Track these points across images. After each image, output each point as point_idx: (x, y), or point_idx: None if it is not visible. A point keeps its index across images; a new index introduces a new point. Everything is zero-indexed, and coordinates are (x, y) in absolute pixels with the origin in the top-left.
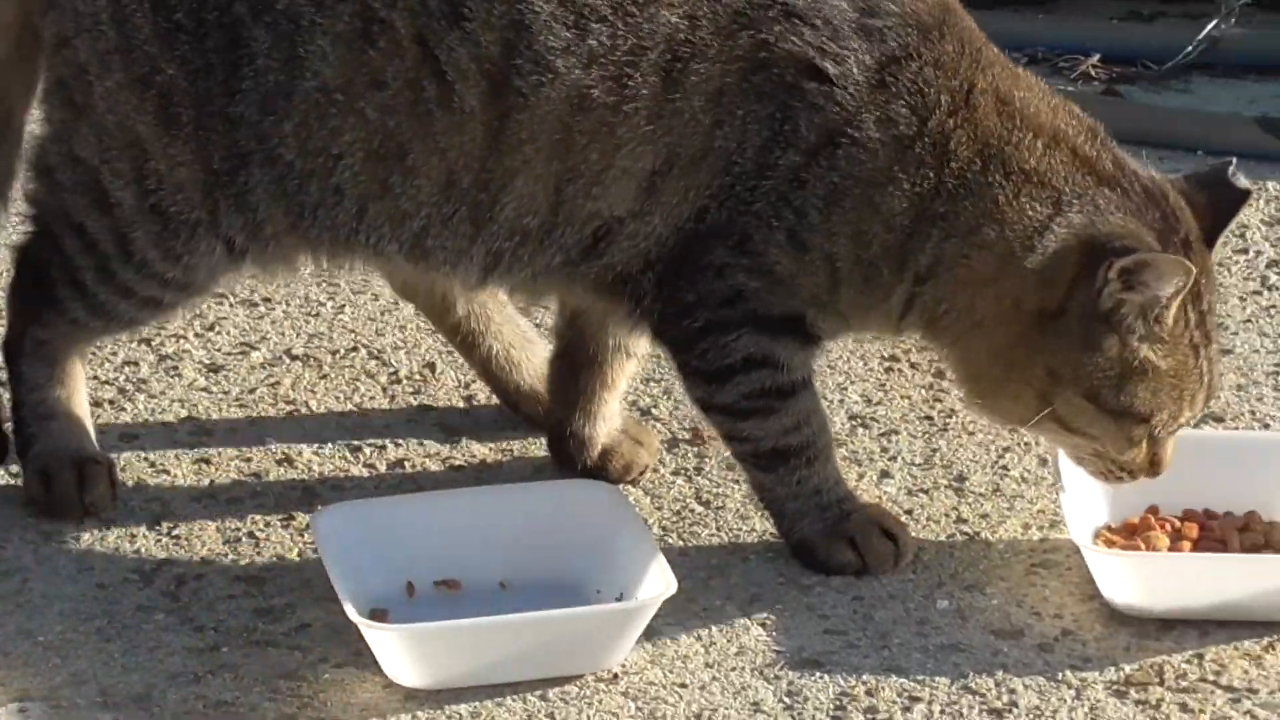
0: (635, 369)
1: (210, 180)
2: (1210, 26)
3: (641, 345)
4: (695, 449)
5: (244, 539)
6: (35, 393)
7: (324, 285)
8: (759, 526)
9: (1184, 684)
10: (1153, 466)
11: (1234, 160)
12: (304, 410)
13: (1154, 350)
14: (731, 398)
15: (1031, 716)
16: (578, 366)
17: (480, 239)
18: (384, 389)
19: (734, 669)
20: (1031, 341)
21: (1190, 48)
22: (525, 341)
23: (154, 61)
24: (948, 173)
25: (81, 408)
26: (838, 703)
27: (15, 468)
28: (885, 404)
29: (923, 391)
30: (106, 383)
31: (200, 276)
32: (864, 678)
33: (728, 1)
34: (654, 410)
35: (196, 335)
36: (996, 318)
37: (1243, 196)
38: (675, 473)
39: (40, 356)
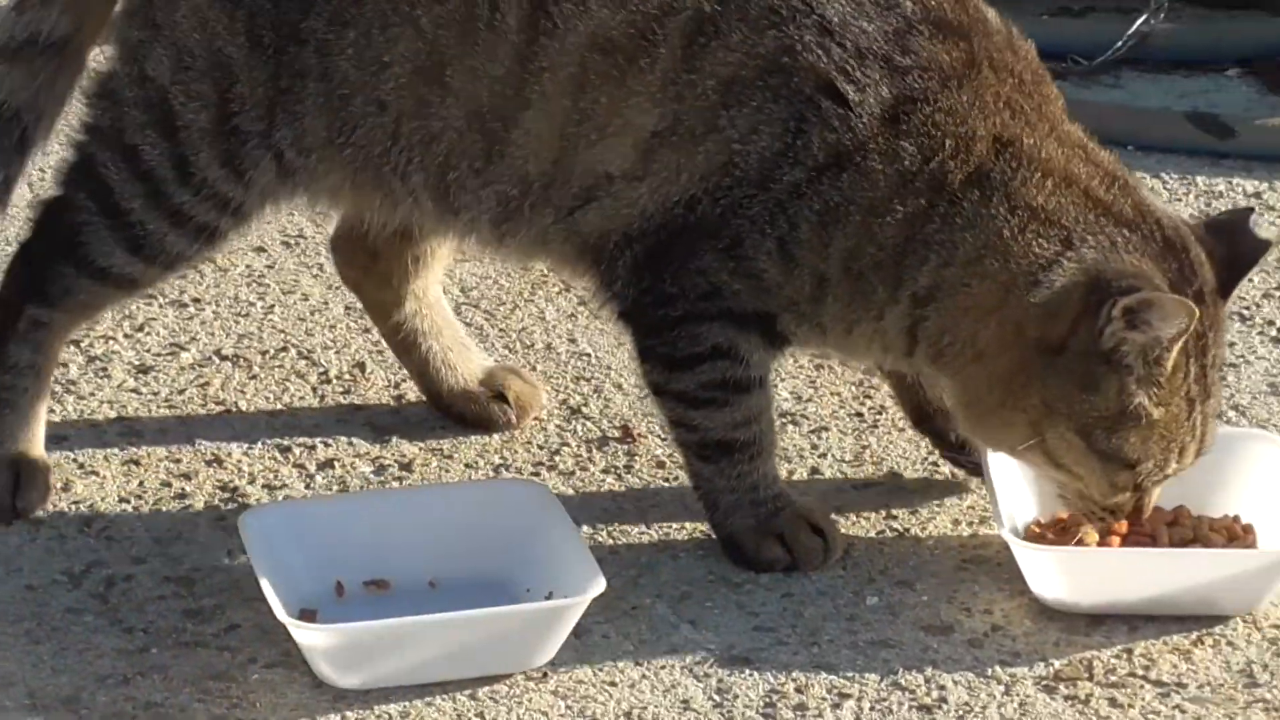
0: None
1: (274, 97)
2: (1140, 22)
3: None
4: (625, 447)
5: (173, 540)
6: (6, 375)
7: (253, 286)
8: (689, 524)
9: (1113, 679)
10: (1136, 512)
11: (1256, 209)
12: (233, 411)
13: (1150, 395)
14: (689, 385)
15: (961, 712)
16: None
17: (489, 179)
18: (314, 389)
19: (664, 667)
20: (1031, 372)
21: (1120, 43)
22: (462, 346)
23: None
24: (943, 202)
25: (42, 405)
26: (767, 700)
27: None
28: (815, 401)
29: (853, 388)
30: None
31: (253, 198)
32: (794, 675)
33: None
34: (584, 409)
35: (126, 336)
36: (999, 346)
37: (1263, 247)
38: (605, 471)
39: (30, 340)
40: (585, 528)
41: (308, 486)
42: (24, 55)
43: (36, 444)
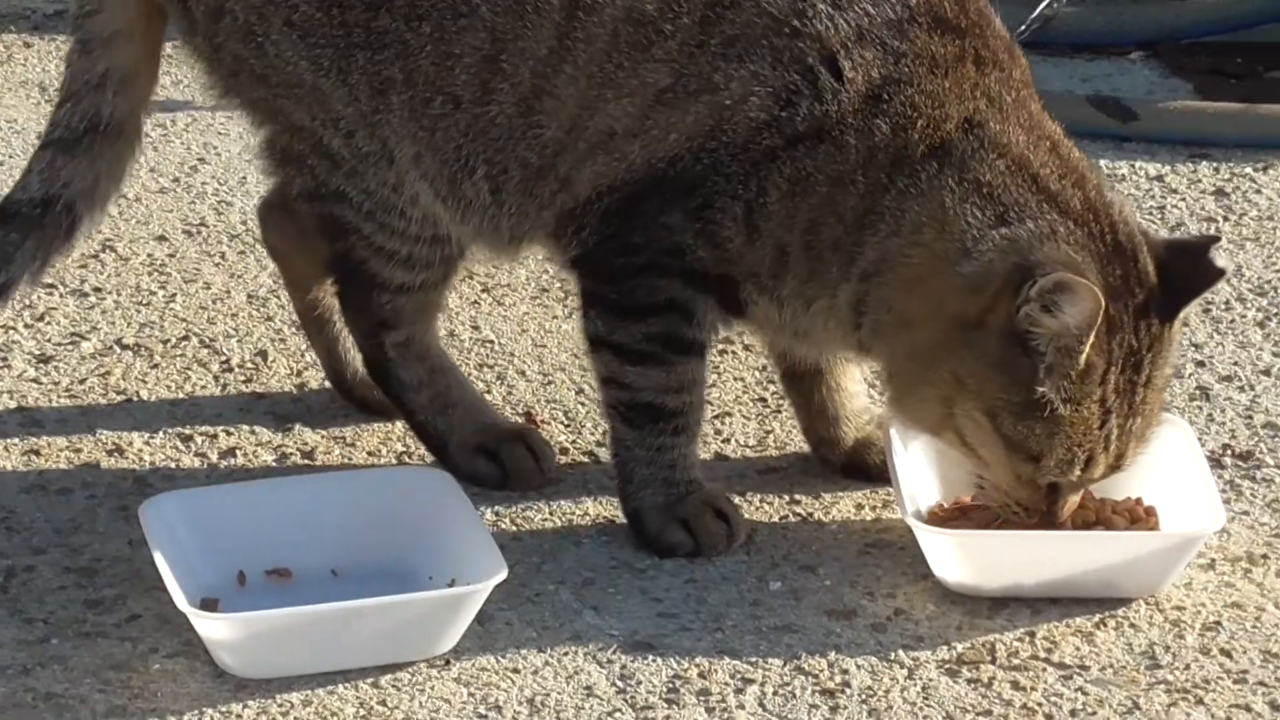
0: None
1: (369, 112)
2: (1043, 6)
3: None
4: None
5: (74, 530)
6: (424, 392)
7: (155, 275)
8: (592, 510)
9: (1015, 662)
10: (1049, 515)
11: (1221, 237)
12: (135, 400)
13: (1057, 388)
14: (632, 336)
15: (864, 696)
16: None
17: (521, 153)
18: (216, 378)
19: (566, 653)
20: (949, 345)
21: (1023, 27)
22: None
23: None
24: (901, 175)
25: (473, 391)
26: (670, 686)
27: None
28: (719, 386)
29: (756, 374)
30: None
31: (430, 210)
32: (697, 660)
33: None
34: (487, 396)
35: (26, 326)
36: (924, 316)
37: (1216, 276)
38: None
39: (407, 358)
40: (488, 514)
41: (209, 476)
42: (85, 144)
43: (495, 415)
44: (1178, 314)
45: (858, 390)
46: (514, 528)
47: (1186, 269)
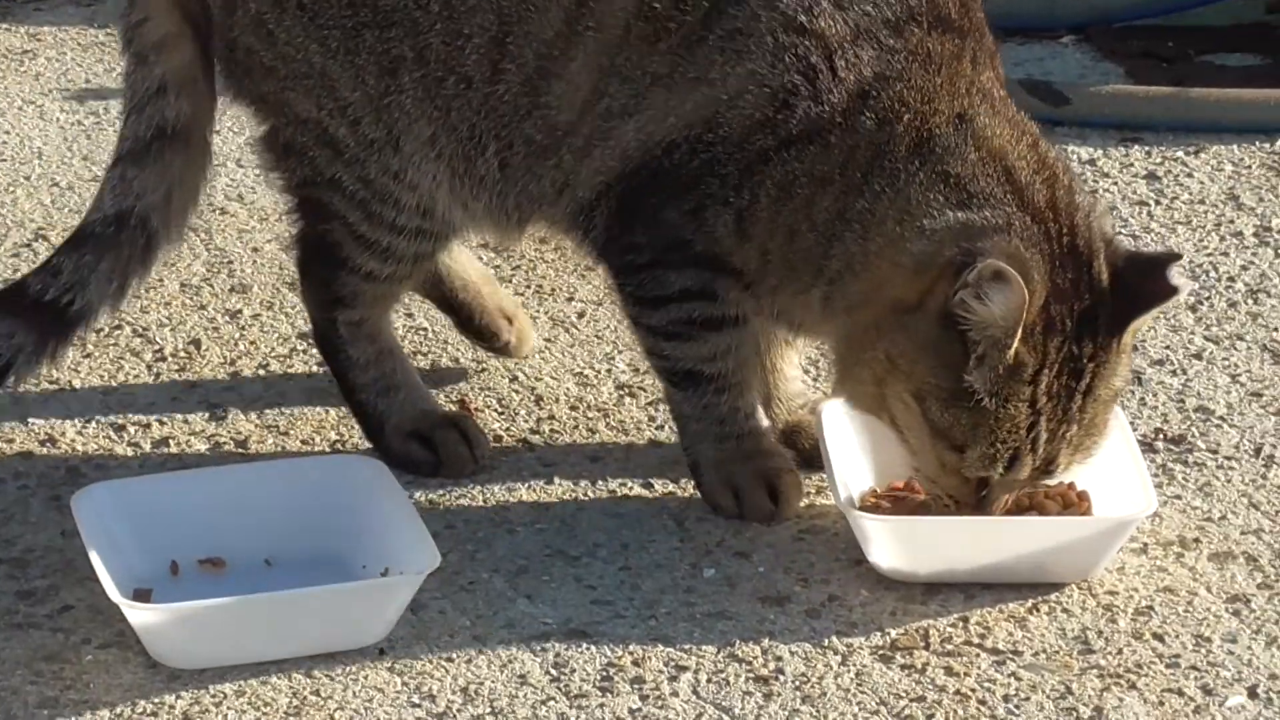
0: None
1: (376, 95)
2: None
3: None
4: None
5: (6, 521)
6: (371, 370)
7: None
8: (526, 497)
9: (949, 647)
10: (980, 505)
11: (1181, 256)
12: (67, 389)
13: (984, 380)
14: (661, 321)
15: (798, 683)
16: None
17: (526, 135)
18: (149, 366)
19: (501, 642)
20: (885, 326)
21: None
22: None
23: None
24: (878, 175)
25: (413, 374)
26: (604, 673)
27: None
28: (652, 374)
29: None
30: None
31: (428, 198)
32: (631, 647)
33: None
34: None
35: None
36: (868, 298)
37: (1169, 293)
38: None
39: (359, 337)
40: (421, 503)
41: (142, 465)
42: (153, 151)
43: (434, 402)
44: (1126, 326)
45: (795, 375)
46: (448, 516)
47: (1142, 283)
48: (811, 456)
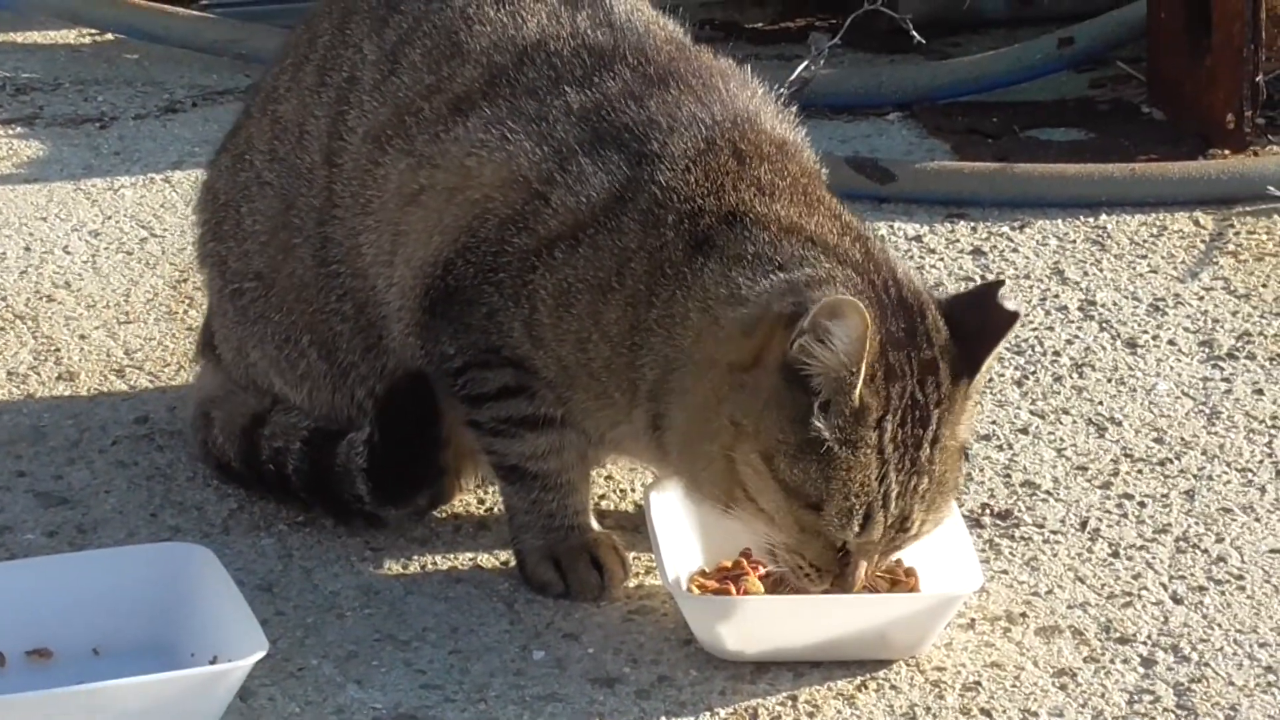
0: None
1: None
2: (801, 68)
3: None
4: (291, 510)
5: None
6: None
7: None
8: (354, 582)
9: None
10: (841, 578)
11: (1006, 281)
12: None
13: (833, 428)
14: (484, 418)
15: None
16: None
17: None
18: None
19: None
20: (722, 393)
21: (783, 89)
22: None
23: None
24: (661, 283)
25: None
26: None
27: None
28: None
29: None
30: None
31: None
32: None
33: (584, 39)
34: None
35: None
36: (699, 380)
37: (1010, 319)
38: (269, 533)
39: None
40: (250, 589)
41: None
42: None
43: None
44: (980, 366)
45: None
46: (276, 602)
47: (979, 320)
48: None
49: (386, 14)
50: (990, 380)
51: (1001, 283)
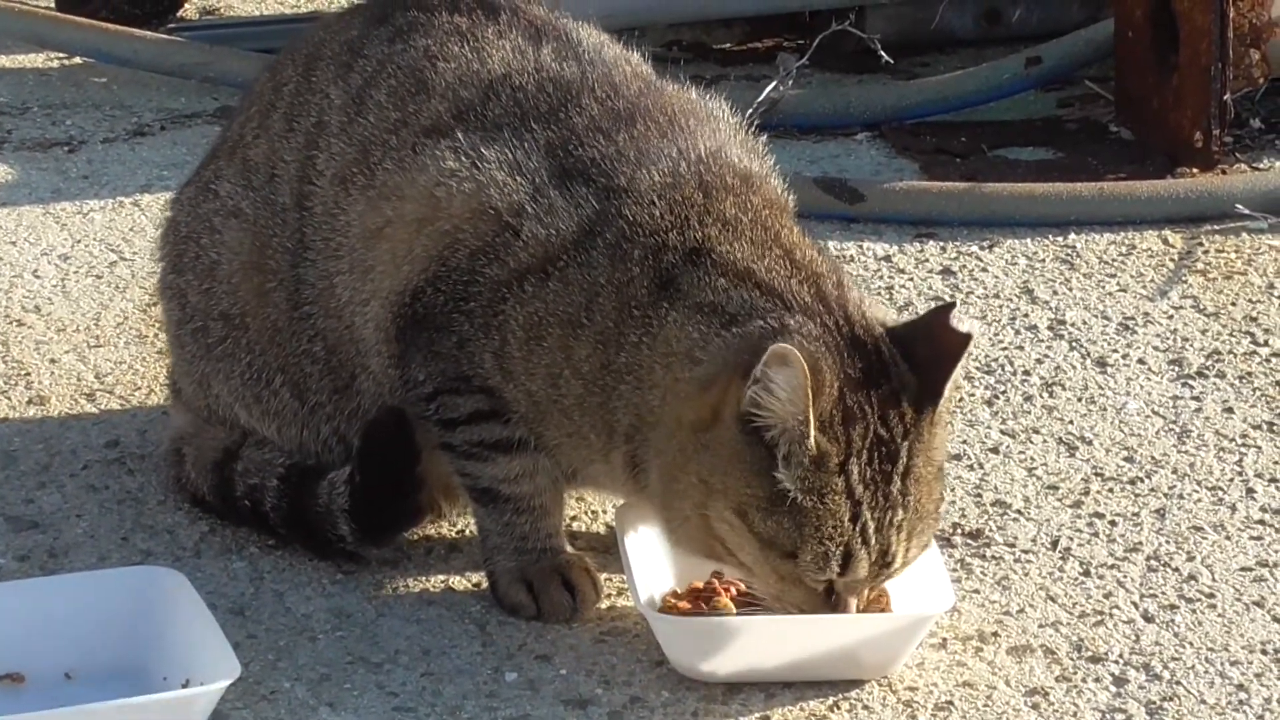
0: None
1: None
2: (769, 89)
3: None
4: (261, 533)
5: None
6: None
7: None
8: (326, 605)
9: None
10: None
11: (957, 303)
12: None
13: (795, 479)
14: (457, 441)
15: None
16: None
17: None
18: None
19: None
20: (689, 451)
21: (751, 109)
22: None
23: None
24: (629, 324)
25: None
26: None
27: None
28: None
29: None
30: None
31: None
32: None
33: (549, 73)
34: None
35: None
36: (667, 438)
37: (964, 341)
38: (240, 556)
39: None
40: (221, 612)
41: None
42: None
43: None
44: (941, 392)
45: None
46: (248, 625)
47: (933, 346)
48: None
49: (350, 59)
50: (960, 400)
51: (953, 305)
